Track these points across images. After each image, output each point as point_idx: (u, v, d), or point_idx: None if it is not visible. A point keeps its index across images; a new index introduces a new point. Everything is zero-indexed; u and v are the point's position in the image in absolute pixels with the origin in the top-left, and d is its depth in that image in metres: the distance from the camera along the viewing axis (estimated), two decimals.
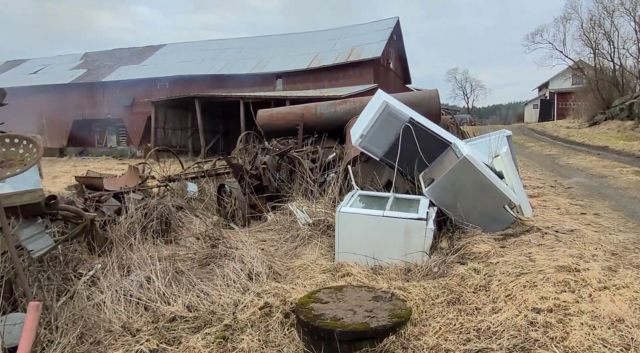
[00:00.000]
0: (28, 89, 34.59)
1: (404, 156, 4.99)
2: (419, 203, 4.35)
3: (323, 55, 28.58)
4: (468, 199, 4.45)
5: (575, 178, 7.65)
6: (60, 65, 38.71)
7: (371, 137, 4.95)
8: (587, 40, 23.47)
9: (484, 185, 4.39)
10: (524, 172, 8.14)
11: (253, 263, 4.19)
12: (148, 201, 5.87)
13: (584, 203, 5.60)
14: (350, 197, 4.52)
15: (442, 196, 4.47)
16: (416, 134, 4.88)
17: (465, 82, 72.02)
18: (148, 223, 5.72)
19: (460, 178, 4.39)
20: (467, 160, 4.31)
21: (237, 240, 5.23)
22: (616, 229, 4.47)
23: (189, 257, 4.84)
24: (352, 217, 4.11)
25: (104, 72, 35.09)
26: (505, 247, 4.05)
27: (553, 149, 13.01)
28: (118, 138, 35.86)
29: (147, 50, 38.55)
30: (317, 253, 4.45)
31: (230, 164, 6.45)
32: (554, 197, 5.91)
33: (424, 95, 7.33)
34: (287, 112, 7.70)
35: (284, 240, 5.04)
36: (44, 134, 35.31)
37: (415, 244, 3.99)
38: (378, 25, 30.44)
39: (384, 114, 4.86)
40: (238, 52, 32.64)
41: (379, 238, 4.06)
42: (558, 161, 9.92)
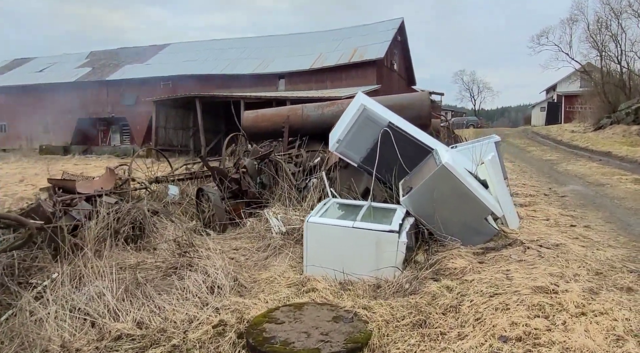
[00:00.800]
0: (34, 87, 34.80)
1: (383, 162, 4.75)
2: (395, 213, 4.10)
3: (326, 56, 28.36)
4: (447, 210, 4.20)
5: (571, 186, 7.34)
6: (66, 63, 38.86)
7: (348, 142, 4.71)
8: (594, 42, 23.01)
9: (464, 195, 4.13)
10: (519, 179, 7.86)
11: (217, 274, 3.98)
12: (121, 205, 5.68)
13: (576, 214, 5.32)
14: (322, 205, 4.28)
15: (420, 206, 4.22)
16: (395, 139, 4.64)
17: (472, 84, 71.43)
18: (120, 228, 5.55)
19: (439, 188, 4.14)
20: (446, 168, 4.06)
21: (208, 248, 5.03)
22: (605, 244, 4.19)
23: (157, 265, 4.63)
24: (321, 228, 3.87)
25: (109, 71, 35.16)
26: (484, 263, 3.79)
27: (554, 153, 12.65)
28: (122, 137, 35.91)
29: (151, 49, 38.57)
30: (286, 264, 4.22)
31: (208, 167, 6.24)
32: (545, 206, 5.63)
33: (414, 98, 7.07)
34: (272, 113, 7.48)
35: (256, 249, 4.81)
36: (49, 132, 35.52)
37: (386, 258, 3.75)
38: (382, 26, 30.16)
39: (362, 118, 4.62)
40: (241, 52, 32.52)
41: (349, 251, 3.82)
42: (557, 167, 9.60)
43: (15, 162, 26.55)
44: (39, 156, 31.24)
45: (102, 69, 35.83)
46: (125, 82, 32.79)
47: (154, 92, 30.66)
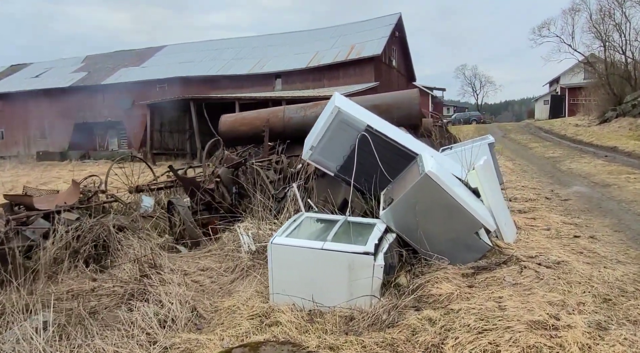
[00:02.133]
0: (30, 93, 34.55)
1: (362, 171, 4.26)
2: (373, 230, 3.61)
3: (323, 54, 27.84)
4: (432, 224, 3.70)
5: (575, 187, 6.81)
6: (62, 68, 38.56)
7: (323, 149, 4.22)
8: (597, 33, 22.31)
9: (452, 208, 3.64)
10: (519, 180, 7.34)
11: (173, 304, 3.51)
12: (83, 221, 5.23)
13: (580, 222, 4.80)
14: (292, 222, 3.80)
15: (402, 220, 3.73)
16: (375, 144, 4.14)
17: (474, 79, 70.65)
18: (81, 248, 5.10)
19: (423, 200, 3.65)
20: (429, 177, 3.57)
21: (172, 270, 4.57)
22: (614, 259, 3.68)
23: (114, 290, 4.18)
24: (287, 250, 3.39)
25: (105, 75, 34.83)
26: (473, 287, 3.30)
27: (557, 150, 12.08)
28: (119, 141, 35.57)
29: (147, 51, 38.19)
30: (252, 289, 3.74)
31: (178, 177, 5.78)
32: (546, 213, 5.11)
33: (402, 96, 6.58)
34: (252, 117, 7.00)
35: (223, 270, 4.34)
36: (47, 138, 35.28)
37: (361, 284, 3.26)
38: (379, 22, 29.58)
39: (336, 122, 4.13)
40: (238, 52, 32.06)
41: (319, 277, 3.34)
42: (560, 165, 9.05)
43: (11, 170, 26.24)
44: (35, 163, 30.96)
45: (98, 72, 35.49)
46: (121, 86, 32.40)
47: (150, 95, 30.28)
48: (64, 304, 3.87)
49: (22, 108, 34.99)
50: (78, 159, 31.85)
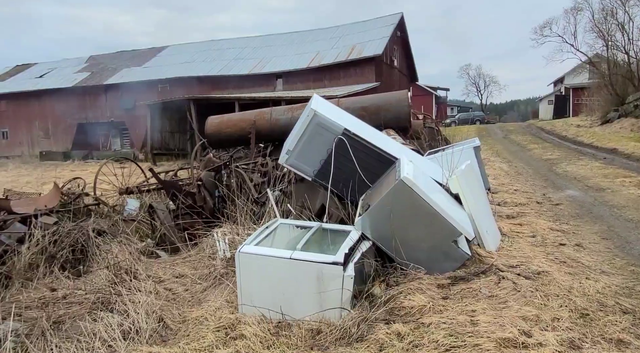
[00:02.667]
0: (34, 93, 34.72)
1: (340, 176, 4.14)
2: (346, 238, 3.49)
3: (324, 54, 27.71)
4: (409, 232, 3.58)
5: (568, 191, 6.64)
6: (65, 68, 38.69)
7: (299, 153, 4.10)
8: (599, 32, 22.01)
9: (429, 215, 3.51)
10: (511, 183, 7.18)
11: (139, 314, 3.40)
12: (61, 225, 5.14)
13: (568, 228, 4.65)
14: (264, 229, 3.68)
15: (377, 228, 3.60)
16: (353, 148, 4.02)
17: (478, 78, 70.20)
18: (58, 253, 5.01)
19: (398, 206, 3.52)
20: (405, 183, 3.44)
21: (149, 276, 4.47)
22: (598, 269, 3.53)
23: (86, 297, 4.08)
24: (255, 259, 3.27)
25: (107, 75, 34.91)
26: (448, 299, 3.17)
27: (556, 151, 11.87)
28: (122, 141, 35.66)
29: (150, 52, 38.23)
30: (223, 299, 3.63)
31: (159, 180, 5.68)
32: (534, 218, 4.97)
33: (391, 98, 6.44)
34: (238, 118, 6.89)
35: (197, 277, 4.23)
36: (50, 138, 35.48)
37: (331, 296, 3.14)
38: (381, 22, 29.41)
39: (312, 125, 4.01)
40: (239, 52, 32.00)
41: (288, 288, 3.22)
42: (556, 168, 8.86)
43: (14, 170, 26.33)
44: (39, 162, 31.09)
45: (101, 73, 35.57)
46: (123, 86, 32.46)
47: (152, 95, 30.29)
48: (32, 313, 3.78)
49: (26, 108, 35.20)
50: (81, 159, 31.96)
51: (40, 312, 3.71)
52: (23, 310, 3.89)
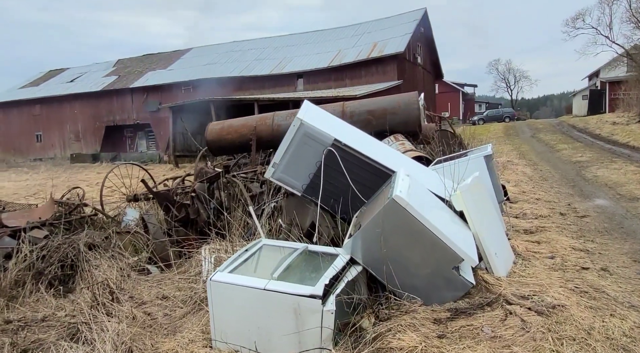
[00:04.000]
0: (66, 97, 35.83)
1: (331, 191, 3.76)
2: (332, 264, 3.12)
3: (345, 53, 27.29)
4: (404, 257, 3.18)
5: (597, 200, 6.02)
6: (95, 72, 39.78)
7: (286, 166, 3.75)
8: (637, 22, 20.62)
9: (425, 238, 3.10)
10: (534, 191, 6.60)
11: (107, 344, 3.14)
12: (50, 240, 4.97)
13: (593, 248, 4.12)
14: (243, 252, 3.36)
15: (368, 251, 3.22)
16: (344, 160, 3.64)
17: (508, 74, 67.95)
18: (46, 269, 4.84)
19: (391, 228, 3.12)
20: (396, 202, 3.04)
21: (132, 297, 4.23)
22: (626, 302, 3.03)
23: (61, 322, 3.86)
24: (228, 289, 2.95)
25: (133, 78, 35.63)
26: (444, 338, 2.75)
27: (587, 152, 11.05)
28: (148, 143, 36.40)
29: (175, 54, 38.80)
30: (198, 329, 3.32)
31: (151, 191, 5.44)
32: (555, 235, 4.44)
33: (400, 100, 5.99)
34: (240, 124, 6.60)
35: (180, 300, 3.95)
36: (80, 141, 36.57)
37: (311, 333, 2.77)
38: (404, 18, 28.73)
39: (299, 136, 3.66)
40: (260, 53, 31.99)
41: (264, 322, 2.88)
42: (585, 172, 8.16)
43: (45, 172, 27.14)
44: (69, 164, 31.97)
45: (127, 76, 36.33)
46: (149, 89, 33.08)
47: (175, 97, 30.70)
48: (3, 337, 3.59)
49: (58, 112, 36.39)
50: (109, 161, 32.69)
51: (9, 338, 3.50)
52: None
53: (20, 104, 37.32)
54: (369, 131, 6.13)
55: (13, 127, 38.12)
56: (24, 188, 19.15)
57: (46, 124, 37.48)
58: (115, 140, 36.01)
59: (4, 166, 33.21)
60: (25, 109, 37.35)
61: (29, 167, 30.63)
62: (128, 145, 37.33)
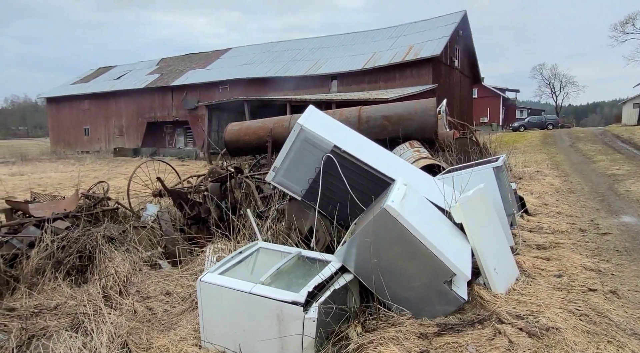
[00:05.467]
0: (112, 94, 37.56)
1: (330, 197, 3.76)
2: (322, 271, 3.12)
3: (380, 55, 27.11)
4: (396, 268, 3.13)
5: (624, 217, 5.68)
6: (139, 70, 41.40)
7: (286, 171, 3.79)
8: None
9: (416, 250, 3.05)
10: (557, 204, 6.31)
11: (102, 338, 3.28)
12: (71, 231, 5.23)
13: (607, 268, 3.90)
14: (236, 254, 3.42)
15: (360, 260, 3.20)
16: (343, 167, 3.63)
17: (553, 79, 65.27)
18: (65, 259, 5.10)
19: (382, 239, 3.09)
20: (388, 213, 3.00)
21: (137, 291, 4.39)
22: (628, 330, 2.86)
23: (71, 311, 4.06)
24: (217, 291, 3.01)
25: (174, 77, 36.83)
26: None
27: (625, 165, 10.44)
28: (185, 139, 37.58)
29: (214, 54, 39.81)
30: (191, 327, 3.40)
31: (165, 189, 5.61)
32: (569, 252, 4.24)
33: (416, 107, 5.89)
34: (257, 126, 6.69)
35: (181, 297, 4.06)
36: (124, 135, 38.24)
37: (293, 340, 2.79)
38: (441, 21, 28.20)
39: (299, 141, 3.68)
40: (296, 54, 32.29)
41: (249, 326, 2.92)
42: (618, 186, 7.72)
43: (89, 164, 28.49)
44: (112, 158, 33.44)
45: (169, 74, 37.61)
46: (188, 87, 34.11)
47: (213, 96, 31.53)
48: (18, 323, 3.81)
49: (105, 107, 38.17)
50: (148, 155, 33.95)
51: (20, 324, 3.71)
52: (14, 319, 3.96)
53: (71, 98, 39.38)
54: (384, 136, 6.09)
55: (64, 121, 40.30)
56: (68, 179, 20.15)
57: (94, 119, 39.38)
58: (156, 136, 37.40)
59: (54, 157, 35.18)
60: (76, 103, 39.38)
61: (76, 159, 32.26)
62: (167, 141, 38.64)
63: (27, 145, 47.56)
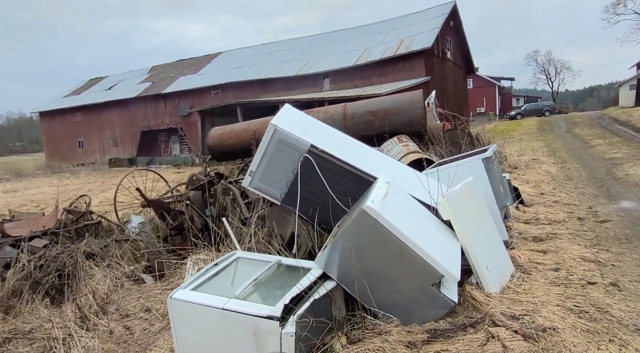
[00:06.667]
0: (104, 104, 37.33)
1: (310, 200, 3.56)
2: (301, 280, 2.91)
3: (371, 50, 26.89)
4: (381, 272, 2.94)
5: (623, 202, 5.48)
6: (130, 79, 41.19)
7: (263, 174, 3.59)
8: None
9: (400, 252, 2.85)
10: (554, 192, 6.11)
11: None
12: (48, 249, 5.03)
13: (607, 258, 3.70)
14: (212, 266, 3.21)
15: (342, 266, 2.99)
16: (321, 167, 3.43)
17: (548, 65, 64.97)
18: (43, 278, 4.90)
19: (364, 242, 2.89)
20: (368, 214, 2.80)
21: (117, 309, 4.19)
22: (631, 325, 2.66)
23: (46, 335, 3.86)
24: (189, 308, 2.81)
25: (165, 84, 36.62)
26: None
27: (623, 148, 10.23)
28: (181, 146, 37.35)
29: (205, 59, 39.58)
30: (167, 347, 3.20)
31: (145, 198, 5.41)
32: (567, 243, 4.04)
33: (403, 100, 5.68)
34: (241, 129, 6.49)
35: (160, 314, 3.86)
36: (118, 146, 38.04)
37: None
38: (431, 13, 27.99)
39: (274, 142, 3.48)
40: (287, 54, 32.07)
41: (225, 344, 2.72)
42: (617, 170, 7.50)
43: (84, 177, 28.26)
44: (107, 169, 33.22)
45: (160, 82, 37.39)
46: (180, 94, 33.89)
47: (206, 101, 31.31)
48: None
49: (98, 118, 37.95)
50: (144, 165, 33.72)
51: None
52: None
53: (63, 112, 39.16)
54: (371, 133, 5.89)
55: (58, 134, 40.07)
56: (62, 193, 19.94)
57: (87, 131, 39.14)
58: (151, 145, 37.19)
59: (49, 171, 34.95)
60: (68, 116, 39.15)
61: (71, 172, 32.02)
62: (162, 149, 38.43)
63: (23, 161, 47.34)
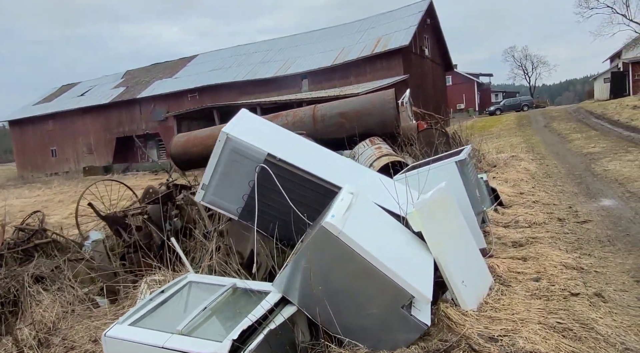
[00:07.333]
0: (77, 111, 36.26)
1: (271, 213, 3.24)
2: (254, 309, 2.59)
3: (349, 50, 26.68)
4: (345, 295, 2.63)
5: (604, 200, 5.30)
6: (104, 85, 40.19)
7: (217, 187, 3.25)
8: None
9: (365, 272, 2.55)
10: (533, 191, 5.91)
11: None
12: None
13: (590, 264, 3.47)
14: (158, 293, 2.86)
15: (303, 288, 2.68)
16: (280, 178, 3.11)
17: (525, 60, 65.87)
18: None
19: (325, 261, 2.58)
20: (328, 230, 2.49)
21: (63, 339, 3.79)
22: (618, 344, 2.41)
23: None
24: (124, 348, 2.45)
25: (140, 88, 35.82)
26: None
27: (601, 142, 10.17)
28: (158, 152, 36.51)
29: (181, 62, 38.87)
30: None
31: (98, 215, 5.02)
32: (548, 248, 3.80)
33: (374, 100, 5.41)
34: (205, 135, 6.13)
35: None
36: (93, 153, 37.01)
37: None
38: (408, 11, 27.93)
39: (227, 152, 3.15)
40: (264, 55, 31.65)
41: None
42: (595, 165, 7.38)
43: (57, 186, 27.30)
44: (82, 178, 32.24)
45: (135, 87, 36.53)
46: (155, 98, 33.13)
47: (182, 105, 30.65)
48: None
49: (71, 126, 36.85)
50: (121, 172, 32.86)
51: None
52: None
53: (34, 120, 37.93)
54: (342, 135, 5.60)
55: (29, 144, 38.79)
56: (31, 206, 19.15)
57: (60, 139, 38.02)
58: (127, 151, 36.29)
59: (20, 182, 33.74)
60: (39, 125, 37.94)
61: (43, 183, 30.95)
62: (139, 156, 37.54)
63: None
